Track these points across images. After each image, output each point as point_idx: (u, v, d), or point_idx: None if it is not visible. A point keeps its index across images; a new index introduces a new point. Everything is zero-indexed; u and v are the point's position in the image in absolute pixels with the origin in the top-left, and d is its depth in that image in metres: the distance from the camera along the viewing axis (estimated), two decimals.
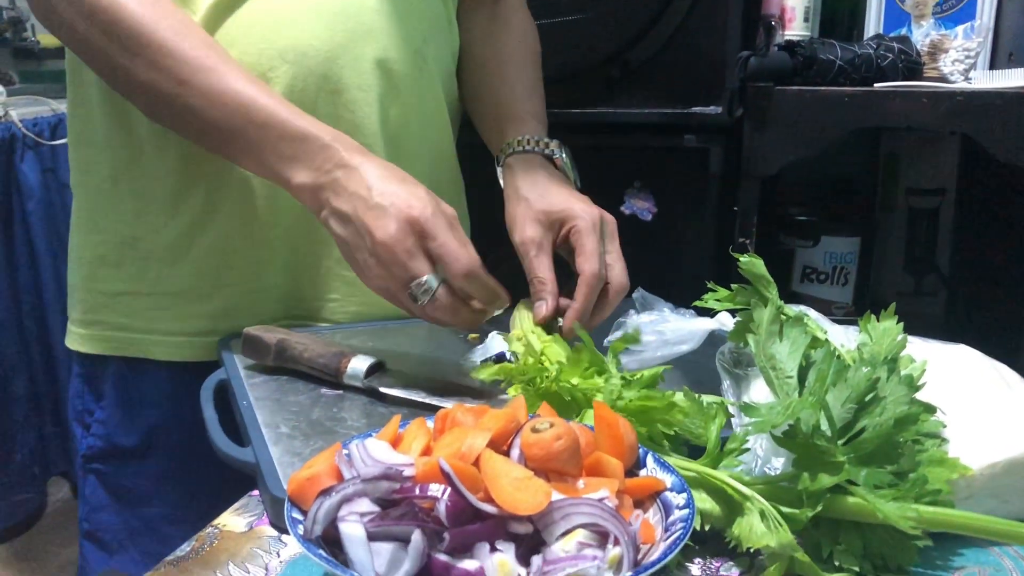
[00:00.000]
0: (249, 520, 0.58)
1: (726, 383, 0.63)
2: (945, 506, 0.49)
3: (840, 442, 0.50)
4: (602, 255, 0.77)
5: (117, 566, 0.88)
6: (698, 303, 0.64)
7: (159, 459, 0.88)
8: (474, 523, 0.43)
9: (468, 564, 0.42)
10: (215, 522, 0.58)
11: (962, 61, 1.16)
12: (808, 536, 0.50)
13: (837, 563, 0.49)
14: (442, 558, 0.42)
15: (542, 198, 0.81)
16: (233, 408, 0.69)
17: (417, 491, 0.44)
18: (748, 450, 0.53)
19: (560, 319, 0.76)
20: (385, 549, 0.42)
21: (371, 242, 0.67)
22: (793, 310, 0.61)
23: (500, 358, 0.72)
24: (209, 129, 0.72)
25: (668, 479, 0.50)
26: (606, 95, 1.29)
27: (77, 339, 0.89)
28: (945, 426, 0.54)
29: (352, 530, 0.43)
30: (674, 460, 0.52)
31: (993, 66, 1.30)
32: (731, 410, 0.56)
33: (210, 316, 0.85)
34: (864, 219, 1.48)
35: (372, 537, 0.42)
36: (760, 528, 0.48)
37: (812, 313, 0.63)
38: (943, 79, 1.16)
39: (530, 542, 0.43)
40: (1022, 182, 1.24)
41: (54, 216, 2.18)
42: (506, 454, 0.47)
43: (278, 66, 0.80)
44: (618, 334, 0.67)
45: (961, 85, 1.15)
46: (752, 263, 0.61)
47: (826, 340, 0.58)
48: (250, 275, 0.85)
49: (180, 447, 0.86)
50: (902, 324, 0.58)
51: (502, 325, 0.77)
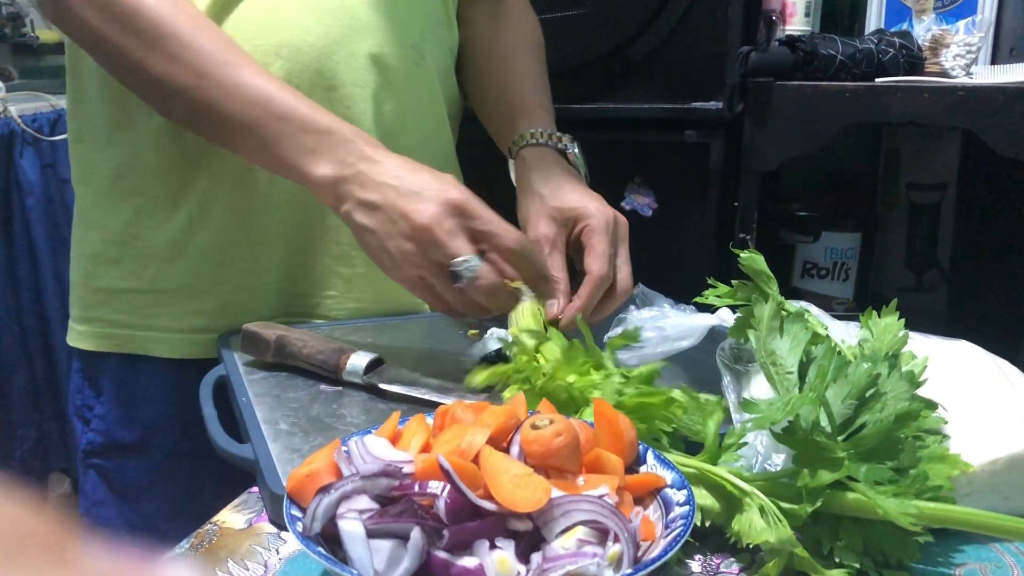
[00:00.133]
0: (248, 517, 0.58)
1: (726, 379, 0.63)
2: (946, 502, 0.48)
3: (840, 438, 0.50)
4: (611, 257, 0.78)
5: None
6: (698, 299, 0.64)
7: (158, 455, 0.88)
8: (473, 520, 0.43)
9: (467, 561, 0.42)
10: (214, 519, 0.58)
11: (963, 56, 1.16)
12: (808, 532, 0.49)
13: (837, 559, 0.49)
14: (441, 555, 0.42)
15: (556, 195, 0.81)
16: (232, 404, 0.69)
17: (416, 488, 0.44)
18: (746, 443, 0.53)
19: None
20: (384, 546, 0.42)
21: (408, 226, 0.66)
22: (794, 306, 0.61)
23: (499, 354, 0.72)
24: (226, 123, 0.72)
25: (668, 476, 0.50)
26: (607, 90, 1.29)
27: (77, 336, 0.89)
28: (946, 422, 0.54)
29: (351, 527, 0.42)
30: (673, 456, 0.52)
31: (994, 61, 1.29)
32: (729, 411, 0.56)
33: (207, 313, 0.85)
34: (865, 214, 1.48)
35: (371, 534, 0.42)
36: (760, 524, 0.48)
37: (813, 309, 0.62)
38: (944, 74, 1.16)
39: (530, 539, 0.43)
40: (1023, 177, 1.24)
41: (53, 212, 2.18)
42: (506, 451, 0.47)
43: (273, 62, 0.79)
44: (618, 330, 0.66)
45: (962, 80, 1.14)
46: (752, 259, 0.61)
47: (827, 336, 0.58)
48: (247, 272, 0.85)
49: (179, 443, 0.86)
50: (903, 320, 0.58)
51: (502, 321, 0.77)
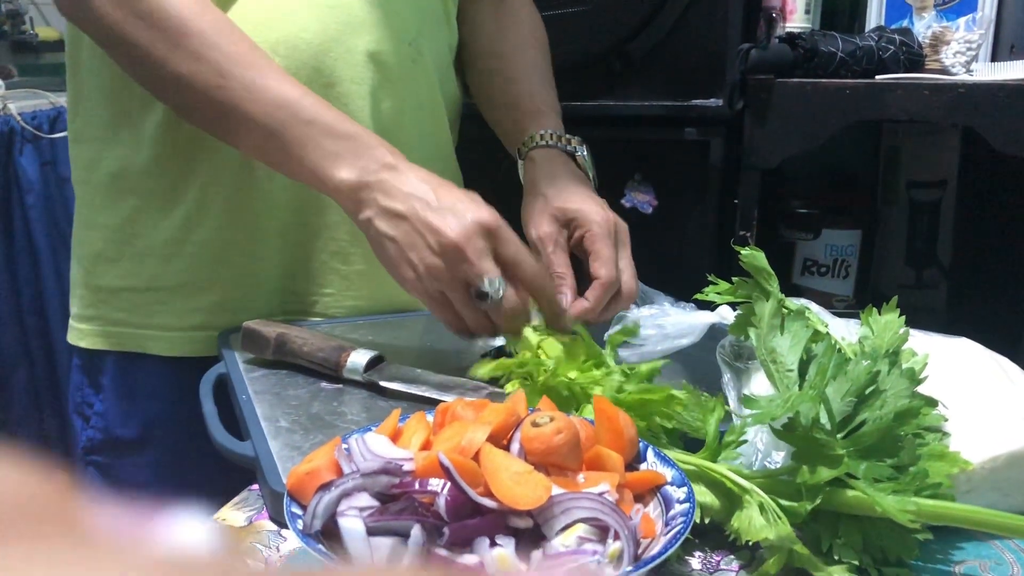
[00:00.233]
0: (248, 514, 0.58)
1: (727, 376, 0.63)
2: (945, 499, 0.48)
3: (840, 435, 0.50)
4: (616, 262, 0.78)
5: None
6: (699, 296, 0.64)
7: (157, 452, 0.88)
8: (474, 518, 0.43)
9: (468, 559, 0.42)
10: (215, 516, 0.58)
11: (964, 53, 1.16)
12: (808, 529, 0.49)
13: (836, 556, 0.49)
14: (442, 553, 0.42)
15: (559, 195, 0.81)
16: (232, 402, 0.69)
17: (417, 486, 0.44)
18: (746, 441, 0.53)
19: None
20: (384, 544, 0.42)
21: (437, 241, 0.66)
22: (794, 303, 0.61)
23: (500, 352, 0.72)
24: (248, 124, 0.71)
25: (668, 473, 0.50)
26: (607, 88, 1.29)
27: (77, 334, 0.89)
28: (946, 419, 0.54)
29: (351, 525, 0.42)
30: (672, 454, 0.52)
31: (995, 58, 1.29)
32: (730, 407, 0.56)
33: (206, 310, 0.85)
34: (865, 211, 1.48)
35: (371, 532, 0.42)
36: (759, 521, 0.48)
37: (813, 306, 0.62)
38: (945, 71, 1.16)
39: (530, 537, 0.43)
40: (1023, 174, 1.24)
41: (53, 210, 2.17)
42: (506, 448, 0.47)
43: None
44: (618, 327, 0.66)
45: (963, 77, 1.14)
46: (753, 256, 0.61)
47: (827, 333, 0.58)
48: (245, 270, 0.85)
49: (179, 441, 0.86)
50: (903, 317, 0.58)
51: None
